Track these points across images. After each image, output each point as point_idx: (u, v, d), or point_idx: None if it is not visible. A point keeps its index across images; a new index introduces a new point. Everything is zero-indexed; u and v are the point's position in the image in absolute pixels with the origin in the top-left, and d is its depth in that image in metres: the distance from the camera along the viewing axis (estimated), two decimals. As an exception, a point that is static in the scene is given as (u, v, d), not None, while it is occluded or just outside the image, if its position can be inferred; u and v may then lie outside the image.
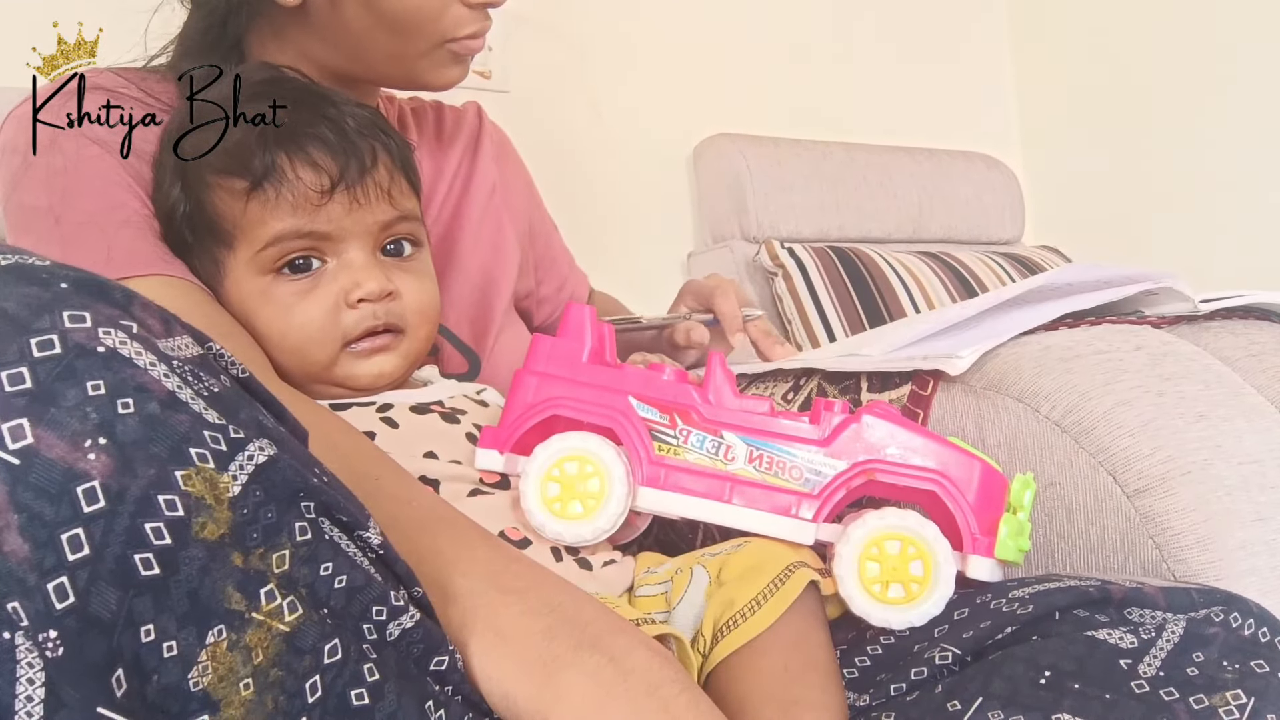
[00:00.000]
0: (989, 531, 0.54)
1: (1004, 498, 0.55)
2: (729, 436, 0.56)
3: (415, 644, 0.39)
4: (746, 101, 1.79)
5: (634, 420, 0.57)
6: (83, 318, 0.31)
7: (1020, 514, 0.55)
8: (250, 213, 0.59)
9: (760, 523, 0.56)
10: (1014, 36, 2.20)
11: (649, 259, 1.67)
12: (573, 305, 0.59)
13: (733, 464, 0.56)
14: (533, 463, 0.56)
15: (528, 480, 0.56)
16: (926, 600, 0.53)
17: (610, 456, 0.55)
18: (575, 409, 0.57)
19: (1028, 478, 0.56)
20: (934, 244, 1.81)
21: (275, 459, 0.34)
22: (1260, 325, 0.77)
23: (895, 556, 0.54)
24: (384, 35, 0.68)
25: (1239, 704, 0.46)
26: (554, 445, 0.56)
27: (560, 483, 0.56)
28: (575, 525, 0.55)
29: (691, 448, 0.56)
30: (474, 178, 0.84)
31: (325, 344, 0.61)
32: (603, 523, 0.55)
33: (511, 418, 0.58)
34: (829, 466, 0.55)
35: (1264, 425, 0.64)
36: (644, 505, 0.57)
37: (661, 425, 0.57)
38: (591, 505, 0.55)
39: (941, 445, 0.55)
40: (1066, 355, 0.67)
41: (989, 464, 0.55)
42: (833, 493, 0.55)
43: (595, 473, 0.55)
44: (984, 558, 0.54)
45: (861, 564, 0.54)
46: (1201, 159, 1.86)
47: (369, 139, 0.62)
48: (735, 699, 0.51)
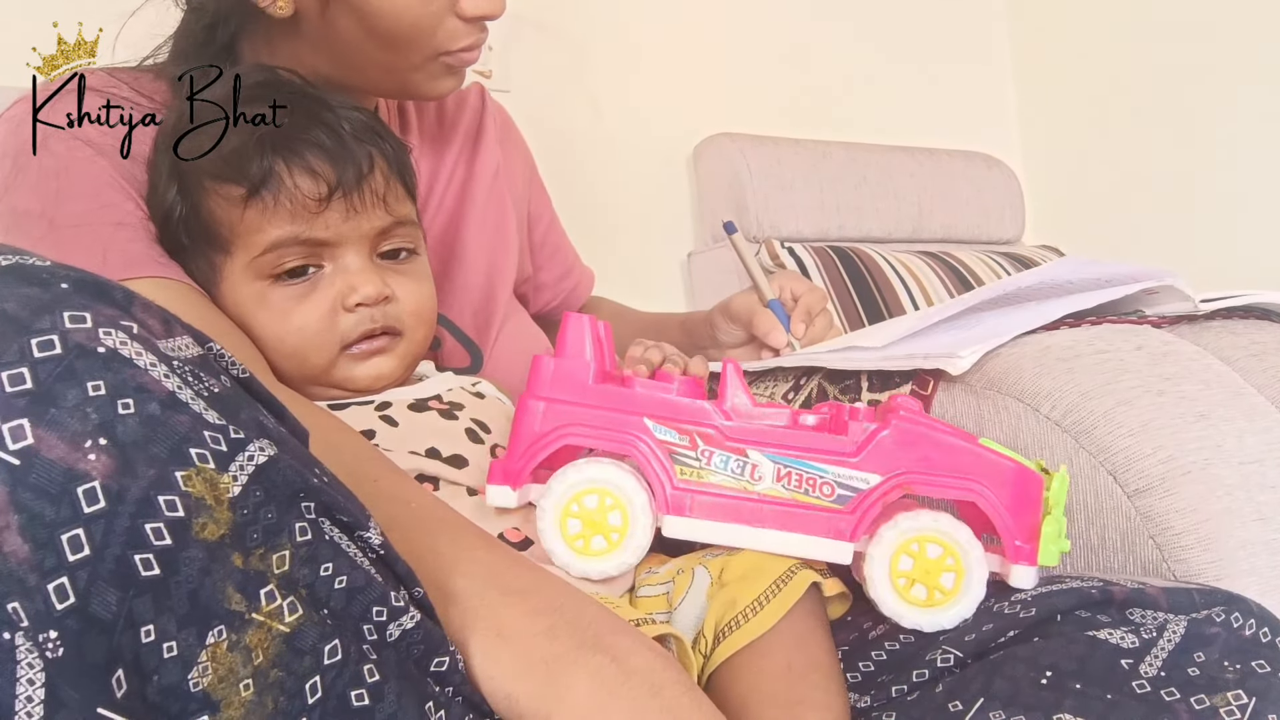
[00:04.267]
0: (1031, 538, 0.52)
1: (1040, 499, 0.54)
2: (754, 455, 0.53)
3: (415, 645, 0.39)
4: (746, 101, 1.79)
5: (652, 444, 0.54)
6: (83, 318, 0.31)
7: (1055, 511, 0.53)
8: (247, 220, 0.59)
9: (794, 545, 0.53)
10: (1014, 36, 2.20)
11: (649, 259, 1.67)
12: (571, 317, 0.56)
13: (760, 484, 0.53)
14: (549, 498, 0.53)
15: (546, 518, 0.53)
16: (958, 603, 0.52)
17: (631, 487, 0.53)
18: (588, 436, 0.54)
19: (1062, 474, 0.54)
20: (934, 244, 1.81)
21: (275, 459, 0.34)
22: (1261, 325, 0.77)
23: (927, 559, 0.52)
24: (377, 48, 0.66)
25: (1240, 704, 0.46)
26: (570, 478, 0.53)
27: (580, 518, 0.53)
28: (600, 562, 0.53)
29: (715, 469, 0.53)
30: (477, 162, 0.84)
31: (323, 348, 0.61)
32: (629, 556, 0.53)
33: (520, 450, 0.54)
34: (861, 480, 0.53)
35: (1264, 425, 0.64)
36: (670, 534, 0.54)
37: (681, 447, 0.54)
38: (615, 539, 0.53)
39: (976, 450, 0.53)
40: (1067, 355, 0.67)
41: (1024, 465, 0.54)
42: (869, 508, 0.53)
43: (616, 505, 0.53)
44: (1028, 566, 0.52)
45: (893, 566, 0.52)
46: (1201, 159, 1.86)
47: (365, 144, 0.61)
48: (737, 699, 0.51)
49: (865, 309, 1.55)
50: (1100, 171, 2.04)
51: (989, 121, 2.15)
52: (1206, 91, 1.85)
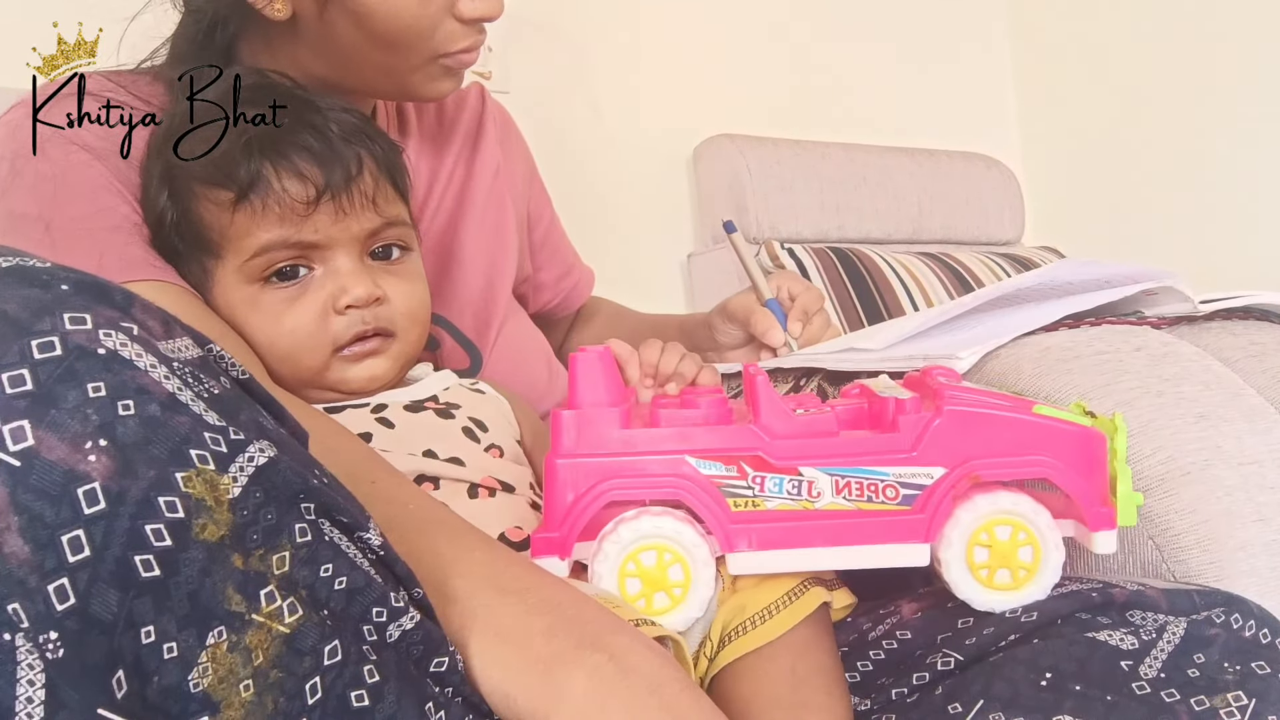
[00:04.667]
0: (1106, 501, 0.51)
1: (1105, 457, 0.51)
2: (808, 472, 0.50)
3: (415, 645, 0.39)
4: (746, 101, 1.79)
5: (700, 482, 0.50)
6: (83, 319, 0.31)
7: (1121, 464, 0.51)
8: (237, 224, 0.59)
9: (870, 558, 0.51)
10: (1014, 36, 2.20)
11: (649, 259, 1.67)
12: (578, 359, 0.52)
13: (819, 500, 0.50)
14: (604, 561, 0.50)
15: (604, 582, 0.50)
16: (1032, 585, 0.51)
17: (690, 538, 0.50)
18: (631, 489, 0.50)
19: (1116, 419, 0.51)
20: (934, 244, 1.81)
21: (275, 460, 0.34)
22: (1260, 326, 0.77)
23: (1004, 542, 0.50)
24: (375, 50, 0.66)
25: (1240, 705, 0.46)
26: (624, 536, 0.50)
27: (639, 577, 0.50)
28: (664, 619, 0.50)
29: (770, 494, 0.50)
30: (477, 162, 0.84)
31: (315, 350, 0.61)
32: (693, 610, 0.51)
33: (560, 516, 0.51)
34: (925, 476, 0.50)
35: (1264, 426, 0.64)
36: (736, 571, 0.51)
37: (730, 479, 0.50)
38: (678, 595, 0.50)
39: (1036, 421, 0.51)
40: (1066, 356, 0.67)
41: (1084, 426, 0.51)
42: (939, 504, 0.50)
43: (676, 559, 0.50)
44: (1109, 531, 0.50)
45: (970, 549, 0.51)
46: (1201, 159, 1.86)
47: (354, 146, 0.61)
48: (740, 702, 0.51)
49: (865, 310, 1.55)
50: (1100, 172, 2.04)
51: (989, 122, 2.15)
52: (1207, 92, 1.85)
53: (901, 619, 0.55)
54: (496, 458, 0.63)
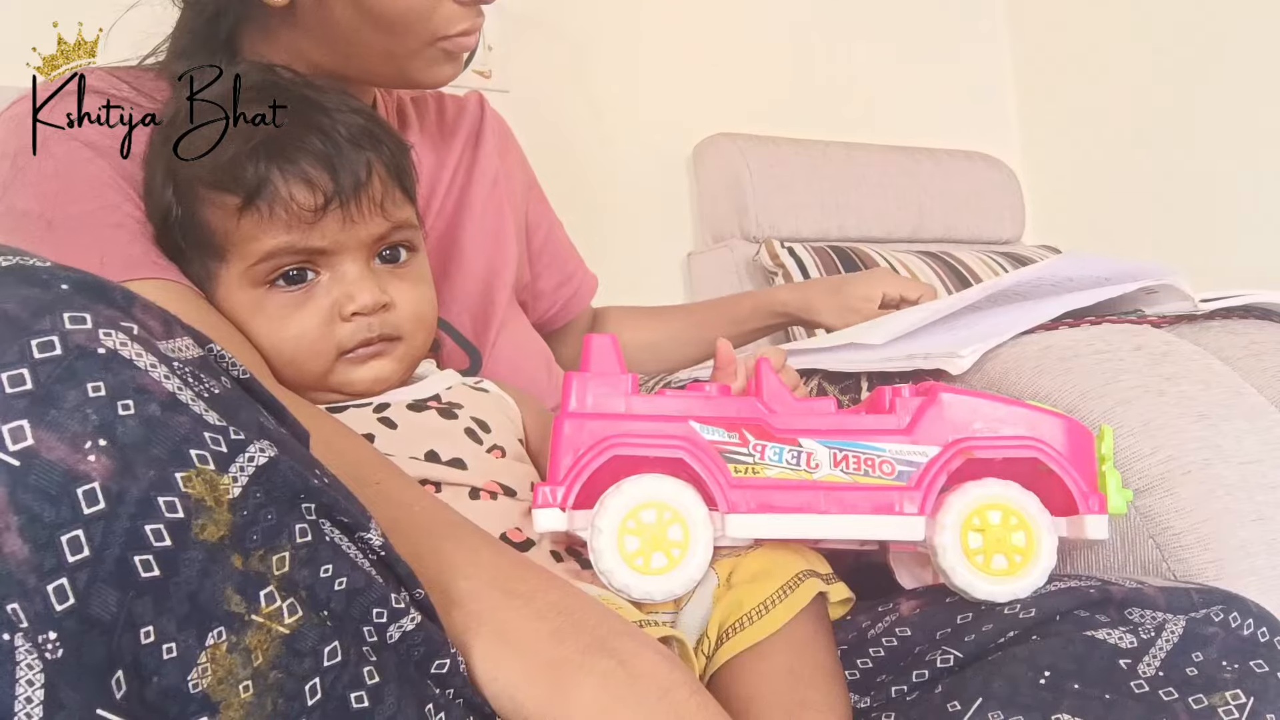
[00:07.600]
0: (1096, 488, 0.52)
1: (1094, 451, 0.53)
2: (807, 443, 0.52)
3: (416, 647, 0.39)
4: (746, 101, 1.79)
5: (702, 445, 0.52)
6: (83, 319, 0.31)
7: (1109, 464, 0.53)
8: (243, 229, 0.58)
9: (865, 528, 0.52)
10: (1014, 36, 2.20)
11: (649, 259, 1.67)
12: (593, 338, 0.55)
13: (818, 471, 0.52)
14: (605, 515, 0.51)
15: (603, 537, 0.51)
16: (1030, 572, 0.52)
17: (690, 499, 0.52)
18: (636, 445, 0.52)
19: (1107, 429, 0.54)
20: (934, 244, 1.81)
21: (276, 460, 0.34)
22: (1260, 325, 0.77)
23: (997, 527, 0.51)
24: (374, 34, 0.66)
25: (1238, 704, 0.46)
26: (626, 493, 0.51)
27: (638, 535, 0.51)
28: (662, 580, 0.51)
29: (770, 462, 0.52)
30: (476, 169, 0.84)
31: (320, 356, 0.60)
32: (692, 572, 0.51)
33: (565, 468, 0.52)
34: (920, 454, 0.52)
35: (1264, 425, 0.64)
36: (735, 533, 0.52)
37: (732, 445, 0.52)
38: (676, 555, 0.51)
39: (1026, 409, 0.53)
40: (1066, 355, 0.67)
41: (1073, 420, 0.53)
42: (933, 480, 0.52)
43: (675, 519, 0.51)
44: (1099, 515, 0.52)
45: (964, 535, 0.52)
46: (1201, 158, 1.86)
47: (363, 150, 0.60)
48: (740, 701, 0.51)
49: (865, 309, 1.55)
50: (1100, 171, 2.04)
51: (989, 121, 2.15)
52: (1207, 91, 1.85)
53: (900, 616, 0.56)
54: (498, 459, 0.63)
